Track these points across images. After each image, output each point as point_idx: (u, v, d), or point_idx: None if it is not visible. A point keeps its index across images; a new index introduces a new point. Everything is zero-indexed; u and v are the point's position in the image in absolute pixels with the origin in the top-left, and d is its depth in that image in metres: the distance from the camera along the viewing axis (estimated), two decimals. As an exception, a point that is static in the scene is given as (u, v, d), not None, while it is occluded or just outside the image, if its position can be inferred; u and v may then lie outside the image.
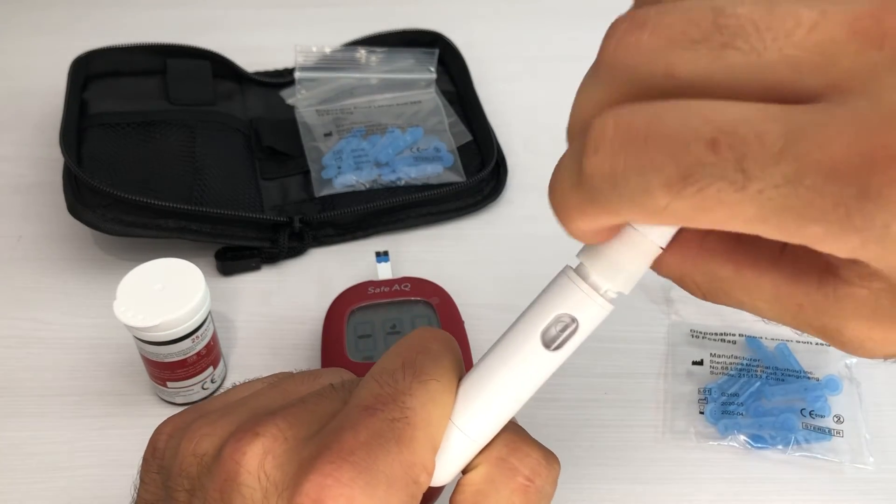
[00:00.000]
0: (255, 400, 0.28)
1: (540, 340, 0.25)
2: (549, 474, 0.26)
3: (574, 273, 0.25)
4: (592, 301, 0.24)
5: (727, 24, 0.18)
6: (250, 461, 0.24)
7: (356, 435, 0.24)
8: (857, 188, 0.16)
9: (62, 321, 0.56)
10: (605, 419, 0.51)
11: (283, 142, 0.65)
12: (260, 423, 0.25)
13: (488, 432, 0.26)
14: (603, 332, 0.26)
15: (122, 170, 0.58)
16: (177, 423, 0.29)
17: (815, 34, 0.17)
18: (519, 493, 0.26)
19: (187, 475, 0.26)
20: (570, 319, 0.25)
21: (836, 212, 0.16)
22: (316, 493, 0.23)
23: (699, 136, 0.17)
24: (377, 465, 0.24)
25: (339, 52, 0.71)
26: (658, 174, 0.17)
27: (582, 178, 0.19)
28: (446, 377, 0.26)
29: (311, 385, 0.29)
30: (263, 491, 0.24)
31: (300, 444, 0.25)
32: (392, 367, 0.26)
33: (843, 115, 0.16)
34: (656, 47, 0.18)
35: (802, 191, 0.16)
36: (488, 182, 0.64)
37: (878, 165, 0.16)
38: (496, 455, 0.26)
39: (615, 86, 0.19)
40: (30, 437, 0.50)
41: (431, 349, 0.27)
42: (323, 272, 0.59)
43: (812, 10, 0.17)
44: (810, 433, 0.49)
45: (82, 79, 0.66)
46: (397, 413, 0.25)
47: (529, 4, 0.83)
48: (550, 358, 0.25)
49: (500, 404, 0.26)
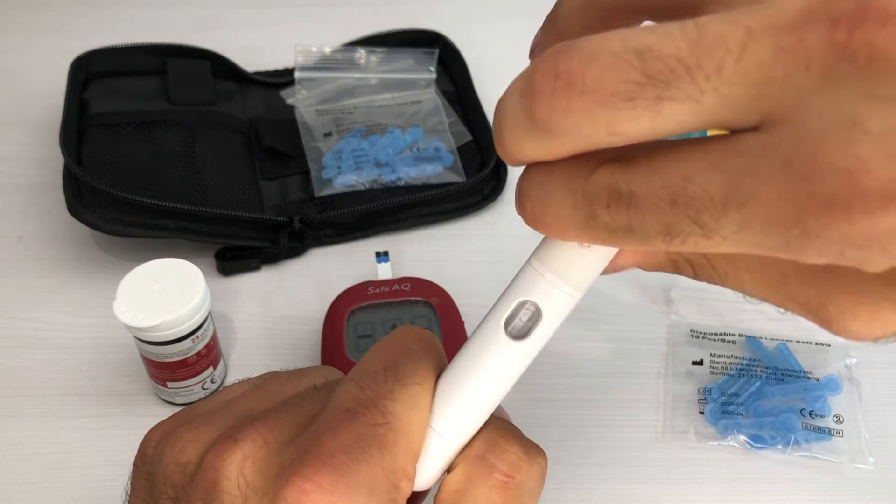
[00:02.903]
0: (239, 403, 0.28)
1: (504, 331, 0.25)
2: (531, 469, 0.26)
3: (538, 263, 0.24)
4: (557, 289, 0.24)
5: (655, 71, 0.17)
6: (229, 468, 0.24)
7: (336, 438, 0.24)
8: (798, 230, 0.16)
9: (62, 321, 0.56)
10: (605, 419, 0.51)
11: (283, 142, 0.65)
12: (240, 429, 0.25)
13: (466, 432, 0.26)
14: (603, 331, 0.26)
15: (122, 170, 0.58)
16: (165, 428, 0.28)
17: (744, 61, 0.17)
18: (497, 490, 0.25)
19: (171, 483, 0.26)
20: (534, 308, 0.24)
21: (790, 248, 0.17)
22: (295, 497, 0.23)
23: (662, 201, 0.18)
24: (358, 470, 0.23)
25: (339, 52, 0.71)
26: (651, 232, 0.19)
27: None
28: (428, 380, 0.26)
29: (295, 385, 0.29)
30: (244, 497, 0.24)
31: (280, 447, 0.25)
32: (373, 370, 0.26)
33: (772, 157, 0.17)
34: (591, 110, 0.18)
35: (756, 233, 0.17)
36: (488, 182, 0.64)
37: (810, 212, 0.16)
38: (474, 453, 0.26)
39: (556, 141, 0.19)
40: (30, 437, 0.50)
41: (413, 350, 0.26)
42: (323, 272, 0.59)
43: (737, 28, 0.16)
44: (810, 433, 0.49)
45: (82, 79, 0.66)
46: (379, 418, 0.24)
47: (529, 4, 0.83)
48: (517, 348, 0.25)
49: (474, 402, 0.25)
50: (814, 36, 0.16)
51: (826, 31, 0.16)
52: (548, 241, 0.24)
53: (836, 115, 0.16)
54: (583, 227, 0.20)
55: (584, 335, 0.54)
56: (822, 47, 0.16)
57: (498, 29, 0.81)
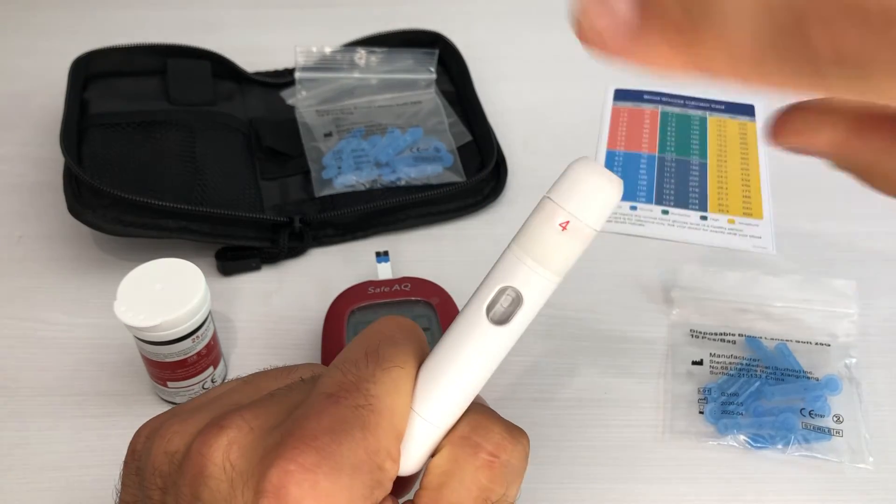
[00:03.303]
0: (227, 397, 0.28)
1: (486, 316, 0.25)
2: (515, 448, 0.26)
3: (519, 249, 0.25)
4: (536, 274, 0.25)
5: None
6: (215, 453, 0.25)
7: (319, 421, 0.24)
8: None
9: (62, 321, 0.56)
10: (605, 419, 0.51)
11: (283, 142, 0.65)
12: (226, 417, 0.26)
13: (449, 415, 0.26)
14: (603, 331, 0.26)
15: (123, 170, 0.58)
16: (153, 424, 0.29)
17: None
18: (484, 469, 0.25)
19: (160, 474, 0.26)
20: (514, 293, 0.25)
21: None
22: (279, 478, 0.23)
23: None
24: (341, 450, 0.24)
25: (339, 53, 0.71)
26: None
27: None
28: (409, 364, 0.26)
29: (283, 380, 0.29)
30: (230, 481, 0.24)
31: (265, 433, 0.25)
32: (355, 356, 0.26)
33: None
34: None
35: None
36: (488, 182, 0.64)
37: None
38: (459, 434, 0.26)
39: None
40: (30, 437, 0.50)
41: (394, 337, 0.27)
42: (323, 272, 0.59)
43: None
44: (810, 433, 0.49)
45: (82, 79, 0.66)
46: (361, 400, 0.25)
47: (529, 4, 0.83)
48: (499, 333, 0.25)
49: (456, 386, 0.26)
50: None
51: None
52: (527, 227, 0.25)
53: None
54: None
55: (584, 335, 0.54)
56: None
57: (498, 29, 0.81)
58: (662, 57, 0.19)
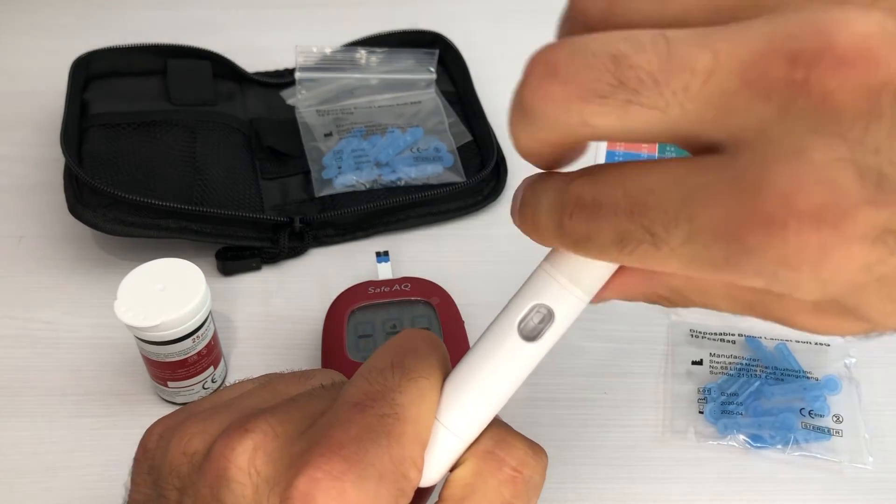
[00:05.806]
0: (245, 399, 0.28)
1: (517, 332, 0.26)
2: (538, 465, 0.26)
3: (551, 267, 0.25)
4: (568, 293, 0.25)
5: (627, 77, 0.18)
6: (240, 457, 0.25)
7: (346, 430, 0.24)
8: (738, 246, 0.18)
9: (63, 321, 0.56)
10: (605, 419, 0.51)
11: (283, 142, 0.65)
12: (250, 420, 0.25)
13: (474, 428, 0.26)
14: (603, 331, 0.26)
15: (123, 170, 0.58)
16: (167, 423, 0.29)
17: (709, 85, 0.18)
18: (507, 485, 0.26)
19: (178, 474, 0.26)
20: (546, 311, 0.25)
21: (729, 264, 0.18)
22: (307, 486, 0.23)
23: (620, 209, 0.20)
24: (368, 459, 0.24)
25: (340, 53, 0.71)
26: (606, 241, 0.20)
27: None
28: (434, 375, 0.26)
29: (301, 385, 0.29)
30: (254, 487, 0.24)
31: (291, 440, 0.25)
32: (381, 366, 0.26)
33: (725, 175, 0.18)
34: (567, 100, 0.19)
35: (700, 247, 0.18)
36: (488, 182, 0.64)
37: (750, 229, 0.17)
38: (483, 448, 0.26)
39: (539, 127, 0.20)
40: (30, 437, 0.50)
41: (419, 349, 0.27)
42: (323, 272, 0.59)
43: (704, 51, 0.18)
44: (809, 433, 0.49)
45: (83, 79, 0.66)
46: (387, 409, 0.25)
47: (529, 4, 0.83)
48: (529, 350, 0.25)
49: (483, 399, 0.26)
50: (776, 72, 0.17)
51: (787, 69, 0.17)
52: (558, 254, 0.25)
53: (788, 143, 0.17)
54: (555, 234, 0.22)
55: (584, 335, 0.54)
56: (782, 83, 0.17)
57: (498, 29, 0.81)
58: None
